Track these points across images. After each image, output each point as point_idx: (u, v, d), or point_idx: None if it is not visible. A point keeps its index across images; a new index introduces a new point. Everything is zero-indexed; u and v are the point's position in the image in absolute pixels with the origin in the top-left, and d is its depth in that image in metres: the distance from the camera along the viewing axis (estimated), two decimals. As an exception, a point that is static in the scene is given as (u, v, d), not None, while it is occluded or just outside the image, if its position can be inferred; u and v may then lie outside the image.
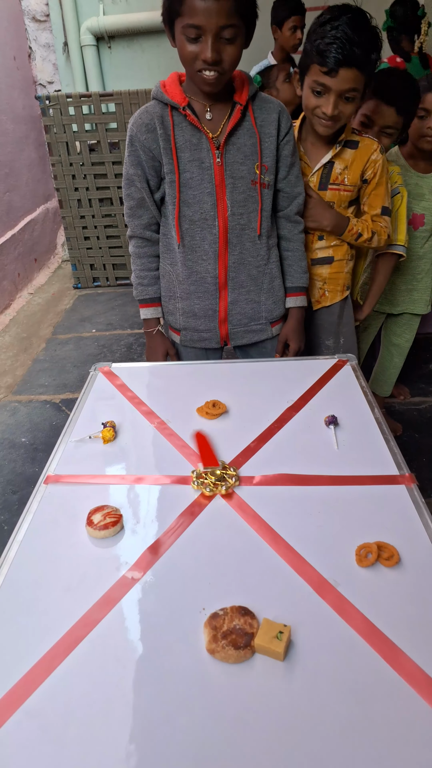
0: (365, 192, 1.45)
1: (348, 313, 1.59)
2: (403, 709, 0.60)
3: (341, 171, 1.40)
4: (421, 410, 2.31)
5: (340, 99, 1.24)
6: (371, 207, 1.46)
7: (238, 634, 0.66)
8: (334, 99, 1.24)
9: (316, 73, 1.22)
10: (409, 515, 0.85)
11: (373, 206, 1.45)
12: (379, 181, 1.42)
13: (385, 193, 1.44)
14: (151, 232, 1.32)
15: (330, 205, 1.43)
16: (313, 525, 0.84)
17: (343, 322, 1.58)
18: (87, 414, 1.16)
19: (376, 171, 1.40)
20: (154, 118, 1.18)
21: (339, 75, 1.20)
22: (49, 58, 3.95)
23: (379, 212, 1.46)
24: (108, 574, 0.77)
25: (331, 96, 1.23)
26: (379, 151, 1.39)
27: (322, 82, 1.22)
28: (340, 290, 1.53)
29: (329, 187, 1.41)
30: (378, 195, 1.44)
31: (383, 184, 1.43)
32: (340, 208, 1.44)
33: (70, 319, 3.39)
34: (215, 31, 1.03)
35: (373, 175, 1.41)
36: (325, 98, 1.25)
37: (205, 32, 1.03)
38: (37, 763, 0.57)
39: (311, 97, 1.28)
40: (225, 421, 1.11)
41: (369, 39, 1.18)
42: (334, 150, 1.38)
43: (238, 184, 1.22)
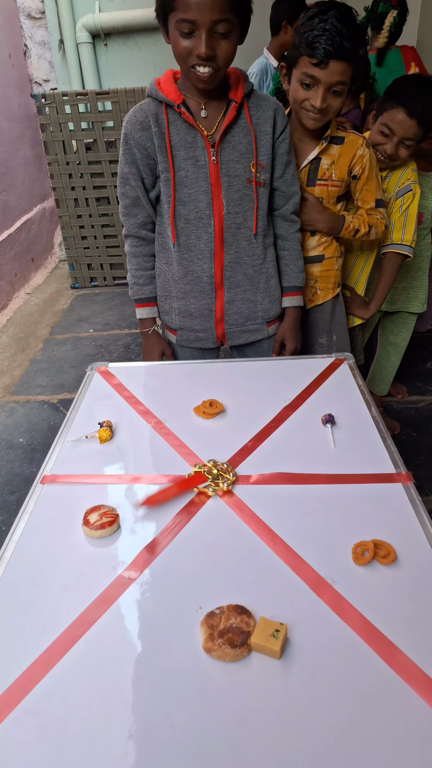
0: (356, 188, 1.45)
1: (340, 311, 1.60)
2: (401, 707, 0.60)
3: (328, 166, 1.41)
4: (419, 409, 2.31)
5: (328, 92, 1.25)
6: (364, 202, 1.47)
7: (235, 633, 0.66)
8: (323, 91, 1.24)
9: (306, 65, 1.23)
10: (406, 513, 0.85)
11: (366, 201, 1.46)
12: (369, 176, 1.43)
13: (377, 186, 1.45)
14: (146, 231, 1.32)
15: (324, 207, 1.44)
16: (310, 523, 0.84)
17: (336, 320, 1.58)
18: (84, 414, 1.15)
19: (364, 166, 1.41)
20: (148, 115, 1.18)
21: (329, 67, 1.21)
22: (44, 55, 3.94)
23: (372, 206, 1.47)
24: (105, 574, 0.77)
25: (320, 88, 1.24)
26: (365, 146, 1.40)
27: (312, 74, 1.23)
28: (332, 288, 1.54)
29: (317, 182, 1.42)
30: (369, 190, 1.45)
31: (374, 178, 1.44)
32: (329, 204, 1.45)
33: (67, 319, 3.38)
34: (209, 26, 1.03)
35: (362, 170, 1.42)
36: (314, 91, 1.26)
37: (198, 27, 1.03)
38: (35, 761, 0.57)
39: (299, 90, 1.28)
40: (222, 420, 1.11)
41: (357, 33, 1.20)
42: (320, 146, 1.38)
43: (233, 183, 1.22)
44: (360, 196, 1.46)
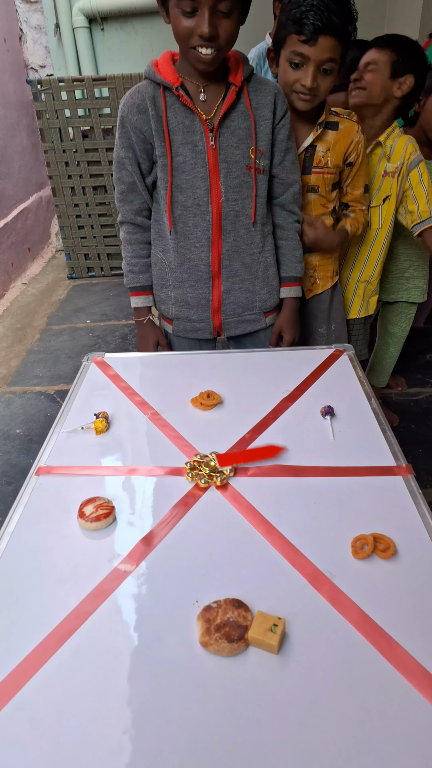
0: (348, 175, 1.44)
1: (338, 300, 1.59)
2: (399, 701, 0.59)
3: (324, 153, 1.38)
4: (418, 401, 2.30)
5: (318, 71, 1.23)
6: (355, 188, 1.46)
7: (232, 627, 0.65)
8: (312, 70, 1.22)
9: (294, 43, 1.20)
10: (406, 506, 0.84)
11: (357, 186, 1.46)
12: (362, 162, 1.42)
13: (366, 171, 1.46)
14: (142, 218, 1.30)
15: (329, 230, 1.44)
16: (309, 516, 0.83)
17: (334, 308, 1.57)
18: (79, 405, 1.14)
19: (359, 152, 1.40)
20: (145, 98, 1.15)
21: (318, 44, 1.18)
22: (40, 40, 3.87)
23: (362, 191, 1.47)
24: (100, 566, 0.76)
25: (309, 67, 1.22)
26: (360, 132, 1.38)
27: (300, 52, 1.20)
28: (330, 276, 1.53)
29: (313, 170, 1.40)
30: (361, 175, 1.45)
31: (365, 163, 1.44)
32: (324, 191, 1.42)
33: (64, 309, 3.36)
34: (211, 4, 1.00)
35: (357, 157, 1.40)
36: (304, 70, 1.23)
37: (200, 5, 1.00)
38: (28, 756, 0.56)
39: (289, 71, 1.25)
40: (220, 411, 1.09)
41: (346, 8, 1.18)
42: (315, 132, 1.35)
43: (232, 169, 1.20)
44: (352, 182, 1.45)
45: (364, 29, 1.60)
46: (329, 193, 1.44)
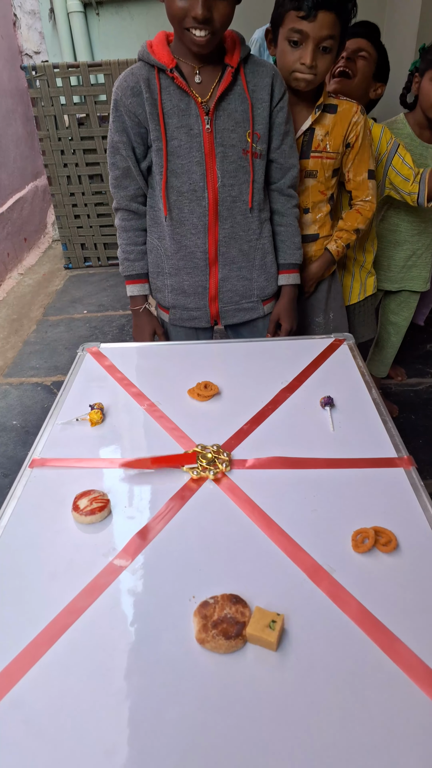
0: (349, 158, 1.39)
1: (336, 289, 1.56)
2: (400, 698, 0.58)
3: (323, 137, 1.35)
4: (418, 391, 2.28)
5: (317, 49, 1.19)
6: (357, 173, 1.41)
7: (229, 623, 0.63)
8: (312, 47, 1.18)
9: (293, 20, 1.17)
10: (408, 499, 0.82)
11: (359, 172, 1.41)
12: (362, 144, 1.37)
13: (370, 155, 1.40)
14: (137, 204, 1.26)
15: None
16: (308, 509, 0.81)
17: (332, 297, 1.55)
18: (74, 396, 1.12)
19: (358, 133, 1.35)
20: (140, 80, 1.11)
21: (317, 19, 1.15)
22: (35, 26, 3.81)
23: (365, 177, 1.41)
24: (95, 561, 0.74)
25: (309, 44, 1.18)
26: (360, 113, 1.34)
27: (299, 29, 1.17)
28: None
29: (311, 155, 1.36)
30: (363, 160, 1.39)
31: (367, 147, 1.38)
32: (323, 177, 1.39)
33: (61, 300, 3.33)
34: None
35: (356, 138, 1.36)
36: (303, 48, 1.20)
37: None
38: (22, 754, 0.55)
39: (287, 50, 1.22)
40: (217, 402, 1.07)
41: None
42: (313, 115, 1.32)
43: (228, 153, 1.16)
44: (352, 167, 1.40)
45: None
46: (328, 180, 1.40)
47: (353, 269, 1.66)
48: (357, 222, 1.43)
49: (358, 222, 1.43)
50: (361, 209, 1.44)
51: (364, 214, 1.43)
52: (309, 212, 1.42)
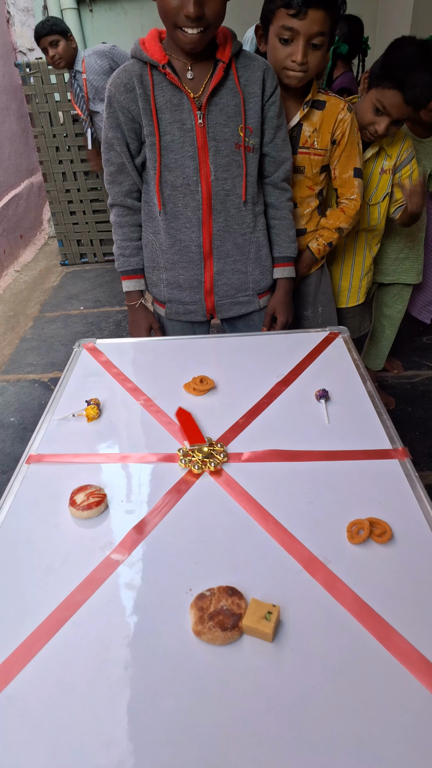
0: (335, 155, 1.38)
1: (326, 283, 1.56)
2: (396, 688, 0.58)
3: (310, 134, 1.34)
4: (414, 384, 2.29)
5: (308, 46, 1.19)
6: (342, 170, 1.39)
7: (226, 615, 0.64)
8: (303, 44, 1.18)
9: (283, 17, 1.17)
10: (403, 490, 0.82)
11: (344, 169, 1.39)
12: (350, 141, 1.36)
13: (357, 153, 1.39)
14: (132, 200, 1.26)
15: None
16: (304, 501, 0.81)
17: (321, 291, 1.55)
18: (71, 392, 1.12)
19: (345, 130, 1.34)
20: (133, 77, 1.11)
21: (308, 16, 1.14)
22: (28, 22, 3.79)
23: (351, 174, 1.40)
24: (91, 555, 0.75)
25: (299, 41, 1.18)
26: (346, 110, 1.33)
27: (290, 26, 1.16)
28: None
29: (299, 150, 1.35)
30: (350, 156, 1.38)
31: (354, 144, 1.37)
32: (311, 173, 1.38)
33: (57, 296, 3.32)
34: None
35: (342, 135, 1.34)
36: (294, 45, 1.19)
37: None
38: (19, 748, 0.55)
39: (278, 47, 1.21)
40: (213, 397, 1.07)
41: None
42: (301, 111, 1.31)
43: (221, 147, 1.16)
44: (339, 164, 1.39)
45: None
46: (316, 176, 1.39)
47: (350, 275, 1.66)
48: (340, 221, 1.42)
49: (341, 221, 1.42)
50: (346, 208, 1.42)
51: (348, 212, 1.42)
52: (297, 207, 1.41)
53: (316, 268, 1.50)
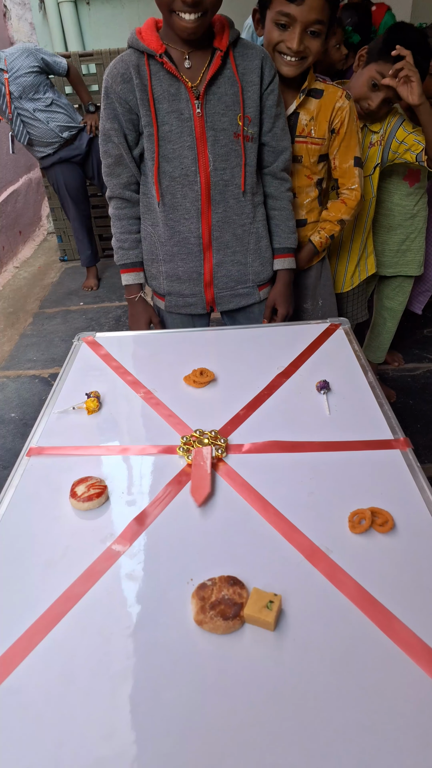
0: (334, 144, 1.36)
1: (326, 275, 1.55)
2: (399, 676, 0.58)
3: (307, 122, 1.32)
4: (415, 376, 2.28)
5: (305, 33, 1.17)
6: (342, 160, 1.38)
7: (227, 605, 0.63)
8: (299, 31, 1.16)
9: (280, 3, 1.15)
10: (404, 480, 0.82)
11: (344, 159, 1.37)
12: (349, 130, 1.34)
13: (357, 142, 1.37)
14: (130, 192, 1.25)
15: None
16: (305, 492, 0.81)
17: (321, 284, 1.54)
18: (71, 385, 1.12)
19: (343, 119, 1.32)
20: (129, 67, 1.10)
21: (306, 3, 1.13)
22: (25, 16, 3.77)
23: (351, 164, 1.38)
24: (92, 547, 0.75)
25: (296, 28, 1.16)
26: (344, 98, 1.31)
27: (287, 12, 1.15)
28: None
29: (296, 140, 1.33)
30: (349, 146, 1.36)
31: (353, 133, 1.35)
32: (309, 163, 1.37)
33: (57, 292, 3.31)
34: None
35: (341, 124, 1.33)
36: (290, 31, 1.17)
37: None
38: (18, 740, 0.55)
39: (274, 32, 1.20)
40: (213, 389, 1.07)
41: None
42: (297, 99, 1.30)
43: (219, 137, 1.15)
44: (338, 154, 1.37)
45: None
46: (314, 165, 1.38)
47: (354, 256, 1.66)
48: (341, 212, 1.41)
49: (342, 212, 1.41)
50: (346, 199, 1.41)
51: (349, 204, 1.41)
52: (296, 197, 1.40)
53: (316, 261, 1.50)
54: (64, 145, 2.83)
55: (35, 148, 2.84)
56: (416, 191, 1.72)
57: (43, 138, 2.76)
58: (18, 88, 2.60)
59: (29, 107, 2.66)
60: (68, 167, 2.93)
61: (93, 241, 3.22)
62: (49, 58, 2.65)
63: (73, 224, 3.15)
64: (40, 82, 2.64)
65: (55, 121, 2.74)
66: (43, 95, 2.67)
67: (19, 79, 2.58)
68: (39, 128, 2.72)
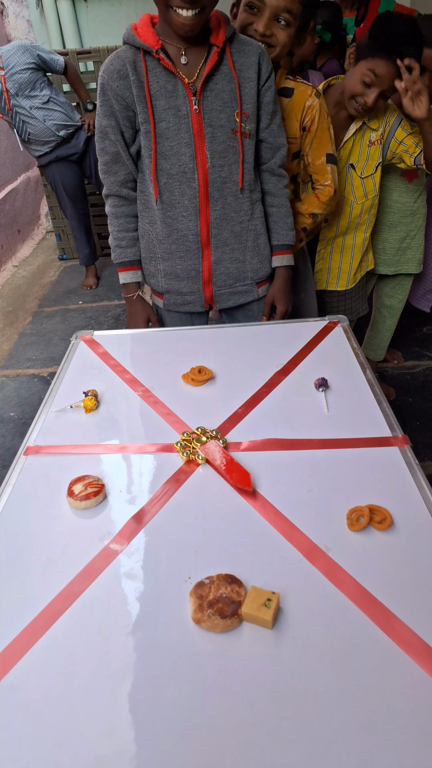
0: (306, 141, 1.37)
1: (306, 271, 1.55)
2: (397, 675, 0.58)
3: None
4: (414, 374, 2.28)
5: (273, 20, 1.19)
6: (315, 157, 1.38)
7: (225, 603, 0.63)
8: (268, 16, 1.18)
9: None
10: (403, 477, 0.82)
11: (316, 156, 1.38)
12: (320, 128, 1.34)
13: (329, 139, 1.37)
14: (128, 190, 1.25)
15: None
16: (303, 490, 0.81)
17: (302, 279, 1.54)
18: (68, 384, 1.11)
19: (314, 117, 1.32)
20: (126, 63, 1.09)
21: None
22: (22, 14, 3.75)
23: (323, 161, 1.38)
24: (90, 545, 0.74)
25: (265, 12, 1.18)
26: (314, 96, 1.31)
27: None
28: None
29: None
30: (321, 143, 1.36)
31: (325, 130, 1.35)
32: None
33: (55, 291, 3.31)
34: None
35: (311, 122, 1.33)
36: (259, 15, 1.19)
37: None
38: (18, 738, 0.55)
39: (244, 13, 1.21)
40: (211, 387, 1.07)
41: None
42: None
43: (217, 134, 1.15)
44: (311, 151, 1.37)
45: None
46: (288, 162, 1.38)
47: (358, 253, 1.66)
48: (313, 206, 1.42)
49: (314, 206, 1.42)
50: (320, 194, 1.42)
51: (321, 198, 1.41)
52: None
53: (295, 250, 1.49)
54: (61, 144, 2.82)
55: (32, 146, 2.83)
56: (415, 188, 1.71)
57: (40, 136, 2.75)
58: (14, 85, 2.59)
59: (26, 105, 2.65)
60: (65, 166, 2.91)
61: (91, 240, 3.20)
62: (46, 56, 2.63)
63: (71, 223, 3.13)
64: (36, 80, 2.62)
65: (52, 120, 2.72)
66: (40, 92, 2.65)
67: (15, 76, 2.57)
68: (36, 126, 2.71)
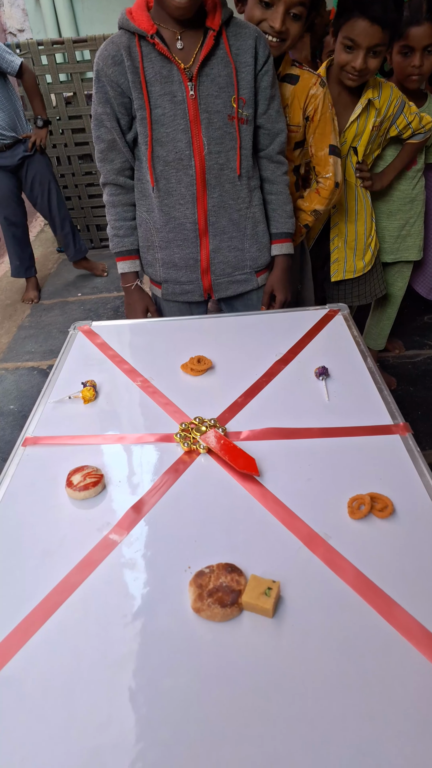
0: (309, 131, 1.34)
1: (305, 261, 1.54)
2: (399, 662, 0.57)
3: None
4: (416, 363, 2.27)
5: (287, 14, 1.16)
6: (318, 148, 1.35)
7: (225, 592, 0.63)
8: (282, 10, 1.15)
9: None
10: (404, 465, 0.81)
11: (319, 147, 1.35)
12: (323, 118, 1.31)
13: (332, 129, 1.34)
14: (124, 178, 1.23)
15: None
16: (303, 478, 0.80)
17: (300, 269, 1.53)
18: (67, 374, 1.11)
19: (317, 106, 1.30)
20: (120, 49, 1.08)
21: None
22: (17, 2, 3.71)
23: (326, 152, 1.35)
24: (89, 536, 0.74)
25: (279, 7, 1.15)
26: (319, 85, 1.29)
27: None
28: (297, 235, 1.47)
29: None
30: (323, 133, 1.34)
31: (328, 120, 1.33)
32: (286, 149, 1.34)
33: (54, 283, 3.29)
34: None
35: (315, 111, 1.30)
36: (273, 10, 1.16)
37: None
38: (16, 729, 0.55)
39: (256, 9, 1.18)
40: (211, 376, 1.06)
41: None
42: None
43: (213, 119, 1.13)
44: (313, 141, 1.35)
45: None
46: (290, 152, 1.36)
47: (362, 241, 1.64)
48: (315, 203, 1.40)
49: (315, 203, 1.40)
50: (321, 189, 1.39)
51: (322, 194, 1.39)
52: None
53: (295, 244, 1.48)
54: None
55: None
56: (414, 174, 1.70)
57: None
58: None
59: None
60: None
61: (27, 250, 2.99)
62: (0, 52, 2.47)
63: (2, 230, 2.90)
64: None
65: None
66: None
67: None
68: None
